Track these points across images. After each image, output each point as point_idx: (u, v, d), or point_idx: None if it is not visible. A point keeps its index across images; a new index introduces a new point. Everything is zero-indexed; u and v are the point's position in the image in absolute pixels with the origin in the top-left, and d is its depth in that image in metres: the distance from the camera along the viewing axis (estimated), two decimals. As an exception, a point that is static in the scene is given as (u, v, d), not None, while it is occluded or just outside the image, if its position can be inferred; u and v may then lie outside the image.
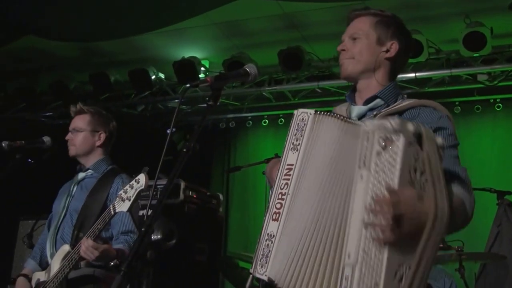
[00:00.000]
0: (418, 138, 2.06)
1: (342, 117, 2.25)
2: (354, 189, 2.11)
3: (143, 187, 3.48)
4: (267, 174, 2.57)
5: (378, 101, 2.61)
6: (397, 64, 2.70)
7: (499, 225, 5.92)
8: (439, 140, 2.14)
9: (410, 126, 2.05)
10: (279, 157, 2.36)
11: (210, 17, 7.18)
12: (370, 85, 2.65)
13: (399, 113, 2.52)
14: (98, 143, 4.22)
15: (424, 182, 2.07)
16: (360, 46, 2.63)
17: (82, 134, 4.20)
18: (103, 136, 4.23)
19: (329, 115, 2.27)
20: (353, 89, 2.74)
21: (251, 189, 8.76)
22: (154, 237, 5.59)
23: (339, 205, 2.13)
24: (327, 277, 2.09)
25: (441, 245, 5.32)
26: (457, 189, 2.37)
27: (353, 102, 2.70)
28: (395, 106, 2.56)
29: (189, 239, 5.95)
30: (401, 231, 1.98)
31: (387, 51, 2.64)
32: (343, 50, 2.66)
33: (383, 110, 2.54)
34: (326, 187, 2.17)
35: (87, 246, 3.58)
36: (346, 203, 2.12)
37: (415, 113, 2.51)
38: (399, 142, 2.03)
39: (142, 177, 3.50)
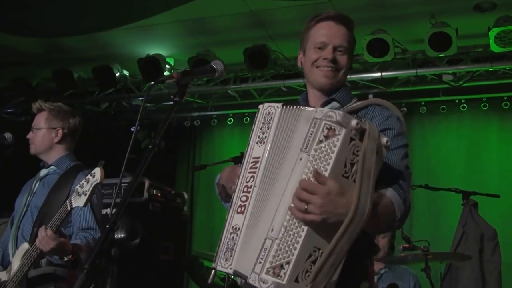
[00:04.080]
0: (361, 133, 2.13)
1: (311, 108, 2.26)
2: (293, 169, 2.17)
3: (98, 181, 3.45)
4: (224, 181, 2.53)
5: (334, 103, 2.65)
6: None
7: (464, 225, 5.96)
8: (384, 139, 2.21)
9: (354, 121, 2.11)
10: (237, 164, 2.37)
11: (176, 14, 7.13)
12: (331, 90, 2.67)
13: (355, 111, 2.57)
14: (56, 140, 4.17)
15: (355, 176, 2.14)
16: (346, 60, 2.65)
17: (40, 132, 4.17)
18: (60, 132, 4.17)
19: (298, 108, 2.28)
20: (306, 94, 2.76)
21: (215, 193, 8.70)
22: (117, 235, 5.53)
23: (281, 182, 2.20)
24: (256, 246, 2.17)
25: (407, 245, 5.36)
26: (391, 191, 2.38)
27: (307, 105, 2.69)
28: (350, 105, 2.62)
29: (154, 238, 5.91)
30: (315, 218, 2.08)
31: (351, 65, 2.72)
32: (334, 60, 2.62)
33: (340, 110, 2.55)
34: (279, 168, 2.22)
35: (43, 236, 3.54)
36: (288, 182, 2.18)
37: (370, 110, 2.57)
38: (340, 135, 2.10)
39: (97, 171, 3.46)
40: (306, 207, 2.07)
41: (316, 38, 2.65)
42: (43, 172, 4.19)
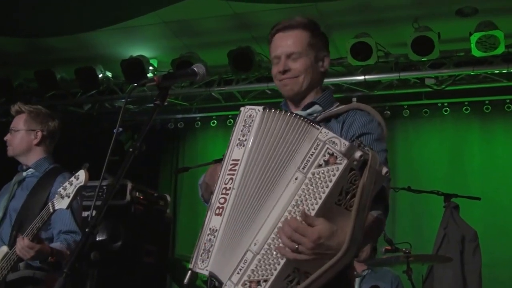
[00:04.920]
0: (362, 164, 2.09)
1: (293, 114, 2.25)
2: (287, 187, 2.14)
3: (82, 183, 3.43)
4: (207, 179, 2.54)
5: (316, 107, 2.65)
6: (326, 74, 2.77)
7: (446, 228, 6.00)
8: (384, 170, 2.18)
9: (357, 154, 2.07)
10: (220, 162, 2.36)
11: (160, 15, 7.11)
12: (308, 98, 2.68)
13: (337, 115, 2.59)
14: (35, 142, 4.15)
15: (350, 205, 2.11)
16: (302, 65, 2.63)
17: (19, 134, 4.16)
18: (39, 134, 4.16)
19: (280, 112, 2.26)
20: (287, 100, 2.76)
21: (198, 194, 8.68)
22: (99, 238, 5.52)
23: (273, 197, 2.17)
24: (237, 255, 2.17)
25: (389, 248, 5.40)
26: (376, 210, 2.39)
27: (289, 110, 2.69)
28: (332, 109, 2.63)
29: (136, 240, 5.89)
30: (306, 258, 2.09)
31: (323, 65, 2.70)
32: (286, 70, 2.63)
33: (322, 113, 2.61)
34: (269, 181, 2.20)
35: (22, 246, 3.53)
36: (278, 197, 2.16)
37: (351, 115, 2.57)
38: (341, 165, 2.06)
39: (81, 174, 3.44)
40: (297, 246, 2.06)
41: (272, 53, 2.70)
42: (22, 175, 4.17)
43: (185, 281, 2.35)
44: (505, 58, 7.07)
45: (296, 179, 2.12)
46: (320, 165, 2.09)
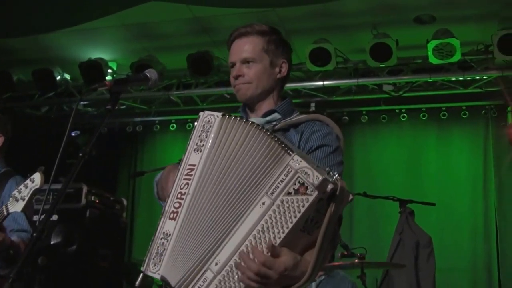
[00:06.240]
0: (331, 194, 2.07)
1: (255, 124, 2.22)
2: (252, 209, 2.12)
3: (38, 186, 3.41)
4: (163, 178, 2.51)
5: (275, 115, 2.65)
6: (286, 81, 2.77)
7: (401, 233, 6.07)
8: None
9: (330, 186, 2.05)
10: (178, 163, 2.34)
11: (120, 18, 7.06)
12: (265, 103, 2.69)
13: (296, 124, 2.59)
14: None
15: (313, 230, 2.11)
16: (255, 71, 2.64)
17: None
18: (2, 140, 4.10)
19: (239, 119, 2.25)
20: (245, 105, 2.76)
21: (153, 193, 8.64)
22: (53, 241, 5.47)
23: (234, 215, 2.15)
24: (195, 272, 2.16)
25: (345, 252, 5.44)
26: None
27: (247, 116, 2.71)
28: (292, 118, 2.63)
29: (91, 244, 5.85)
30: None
31: (280, 71, 2.70)
32: (239, 75, 2.64)
33: (281, 122, 2.60)
34: (228, 194, 2.17)
35: None
36: (240, 217, 2.14)
37: (311, 125, 2.57)
38: (311, 197, 2.03)
39: (37, 176, 3.42)
40: (262, 281, 2.07)
41: (229, 59, 2.71)
42: None
43: (137, 283, 2.32)
44: (461, 66, 7.20)
45: (263, 203, 2.10)
46: (289, 193, 2.06)
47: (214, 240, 2.14)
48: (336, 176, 2.07)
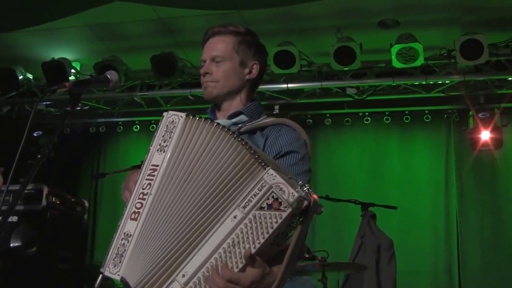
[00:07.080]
0: (305, 209, 2.03)
1: (220, 126, 2.19)
2: (222, 222, 2.08)
3: None
4: (125, 185, 2.50)
5: (242, 116, 2.65)
6: (257, 83, 2.76)
7: (363, 236, 6.10)
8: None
9: (304, 204, 2.01)
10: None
11: (83, 18, 6.99)
12: (233, 104, 2.68)
13: (263, 128, 2.58)
14: None
15: (282, 242, 2.09)
16: (223, 70, 2.64)
17: None
18: None
19: (204, 120, 2.22)
20: (214, 106, 2.75)
21: (121, 196, 8.57)
22: (12, 244, 5.39)
23: (202, 225, 2.10)
24: (161, 280, 2.11)
25: (307, 255, 5.44)
26: None
27: (215, 117, 2.70)
28: (259, 121, 2.62)
29: (52, 246, 5.77)
30: None
31: (250, 72, 2.69)
32: (207, 73, 2.65)
33: (248, 124, 2.59)
34: (195, 199, 2.13)
35: None
36: (208, 228, 2.10)
37: (277, 129, 2.56)
38: (285, 213, 1.99)
39: None
40: None
41: (200, 58, 2.71)
42: None
43: (96, 285, 2.29)
44: (424, 70, 7.28)
45: (235, 217, 2.05)
46: (262, 208, 2.02)
47: (180, 247, 2.10)
48: (310, 190, 2.04)
